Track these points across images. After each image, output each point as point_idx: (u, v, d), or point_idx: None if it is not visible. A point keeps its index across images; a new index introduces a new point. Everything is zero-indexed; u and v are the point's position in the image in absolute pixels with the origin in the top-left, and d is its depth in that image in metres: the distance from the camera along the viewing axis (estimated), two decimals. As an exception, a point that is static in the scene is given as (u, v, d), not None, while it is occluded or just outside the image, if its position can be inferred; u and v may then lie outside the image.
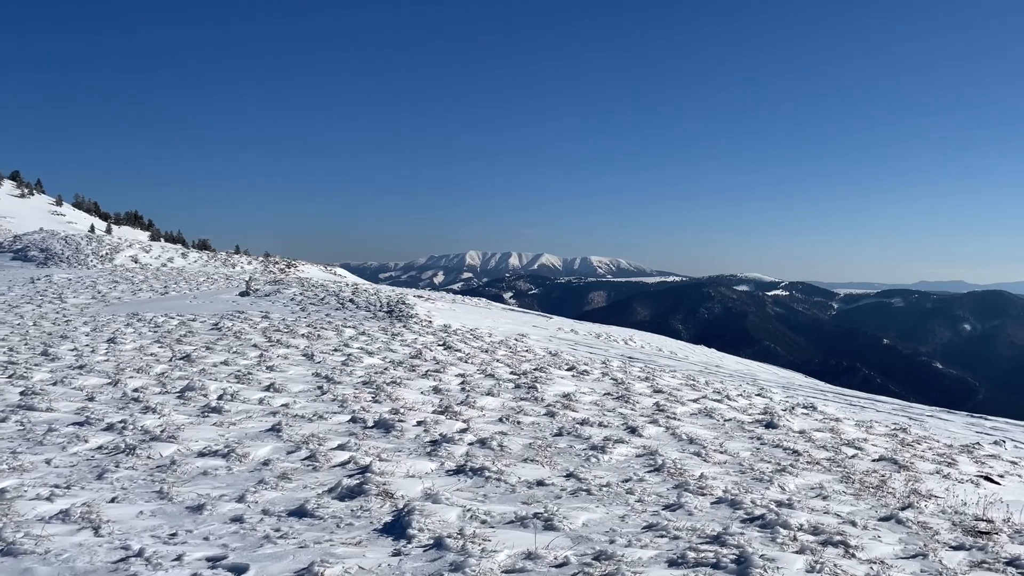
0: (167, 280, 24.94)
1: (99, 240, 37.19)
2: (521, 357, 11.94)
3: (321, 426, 6.83)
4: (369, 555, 3.94)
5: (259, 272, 32.12)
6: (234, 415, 7.19)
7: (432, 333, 14.19)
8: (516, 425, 7.13)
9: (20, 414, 7.02)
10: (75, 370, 9.47)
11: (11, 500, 4.60)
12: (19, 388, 8.24)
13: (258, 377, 9.17)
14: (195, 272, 29.74)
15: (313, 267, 39.73)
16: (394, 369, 10.02)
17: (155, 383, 8.70)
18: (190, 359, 10.38)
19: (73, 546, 3.97)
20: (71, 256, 31.85)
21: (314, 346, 11.85)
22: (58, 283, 23.70)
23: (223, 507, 4.62)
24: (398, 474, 5.34)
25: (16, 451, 5.81)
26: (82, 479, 5.17)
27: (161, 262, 33.41)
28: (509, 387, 9.08)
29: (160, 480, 5.17)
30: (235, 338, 12.68)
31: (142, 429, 6.47)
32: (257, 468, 5.52)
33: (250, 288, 20.92)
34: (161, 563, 3.75)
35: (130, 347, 11.58)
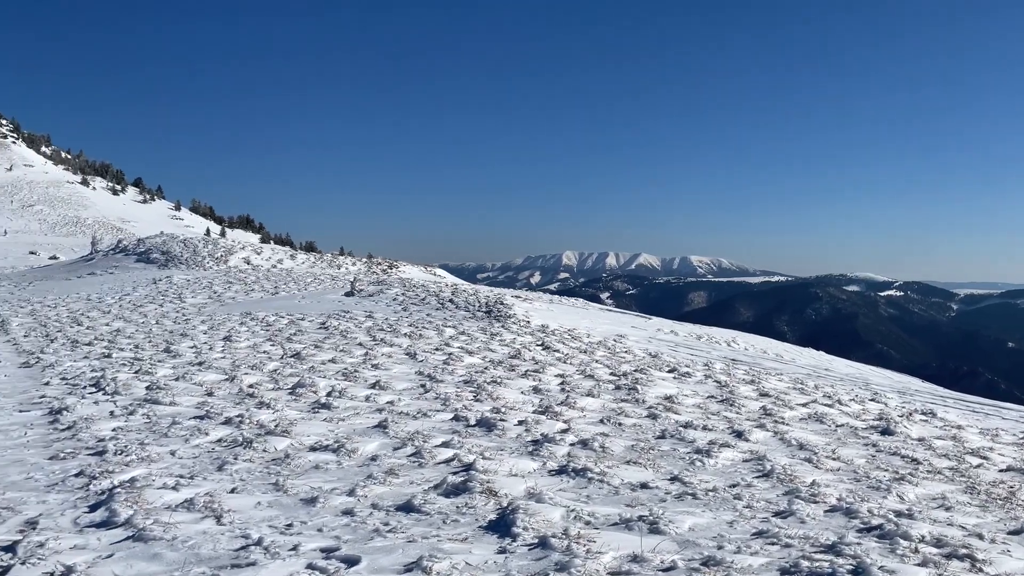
0: (277, 281, 25.98)
1: (214, 243, 39.11)
2: (620, 358, 11.84)
3: (425, 423, 6.96)
4: (475, 552, 3.99)
5: (363, 273, 33.05)
6: (342, 411, 7.43)
7: (530, 333, 14.25)
8: (617, 427, 7.07)
9: (147, 407, 7.47)
10: (195, 366, 9.99)
11: (141, 488, 4.89)
12: (145, 383, 8.77)
13: (364, 375, 9.44)
14: (303, 273, 30.86)
15: (414, 268, 40.59)
16: (494, 369, 10.12)
17: (268, 380, 9.09)
18: (300, 357, 10.78)
19: (197, 533, 4.19)
20: (189, 258, 33.62)
21: (416, 345, 12.10)
22: (178, 284, 25.07)
23: (335, 500, 4.78)
24: (501, 473, 5.39)
25: (144, 442, 6.18)
26: (204, 470, 5.44)
27: (271, 264, 34.82)
28: (609, 388, 9.01)
29: (275, 473, 5.39)
30: (341, 337, 13.09)
31: (258, 423, 6.76)
32: (366, 463, 5.68)
33: (355, 288, 21.55)
34: (279, 552, 3.90)
35: (244, 345, 12.13)
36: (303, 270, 33.35)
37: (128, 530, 4.23)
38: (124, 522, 4.34)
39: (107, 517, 4.44)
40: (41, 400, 8.00)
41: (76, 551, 3.94)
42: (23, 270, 37.67)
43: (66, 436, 6.47)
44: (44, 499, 4.85)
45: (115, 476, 5.20)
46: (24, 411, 7.51)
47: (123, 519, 4.37)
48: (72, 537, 4.14)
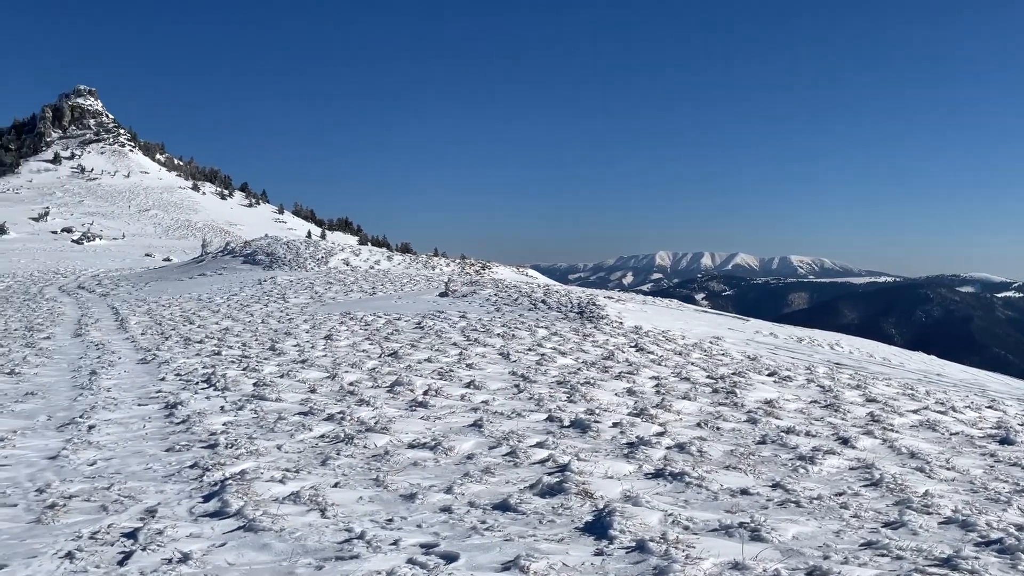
0: (374, 281, 26.63)
1: (315, 245, 40.42)
2: (717, 360, 11.59)
3: (520, 423, 7.00)
4: (572, 553, 3.99)
5: (456, 274, 33.50)
6: (439, 410, 7.55)
7: (623, 334, 14.12)
8: (715, 431, 6.92)
9: (254, 403, 7.80)
10: (298, 364, 10.36)
11: (250, 481, 5.10)
12: (252, 380, 9.15)
13: (459, 374, 9.57)
14: (399, 274, 31.54)
15: (506, 268, 40.88)
16: (587, 370, 10.08)
17: (367, 378, 9.33)
18: (397, 356, 11.02)
19: (304, 526, 4.35)
20: (292, 260, 34.86)
21: (509, 345, 12.18)
22: (281, 284, 26.03)
23: (433, 497, 4.87)
24: (596, 474, 5.36)
25: (252, 436, 6.45)
26: (308, 464, 5.64)
27: (369, 265, 35.72)
28: (706, 391, 8.84)
29: (376, 469, 5.53)
30: (436, 337, 13.30)
31: (358, 420, 6.96)
32: (462, 461, 5.76)
33: (449, 289, 21.87)
34: (380, 546, 4.00)
35: (344, 344, 12.49)
36: (399, 271, 34.09)
37: (239, 520, 4.43)
38: (235, 513, 4.54)
39: (219, 508, 4.66)
40: (157, 395, 8.46)
41: (192, 539, 4.15)
42: (140, 271, 39.93)
43: (181, 429, 6.82)
44: (162, 489, 5.13)
45: (226, 468, 5.45)
46: (142, 405, 7.97)
47: (234, 510, 4.58)
48: (188, 526, 4.37)
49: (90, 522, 4.46)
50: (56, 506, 4.73)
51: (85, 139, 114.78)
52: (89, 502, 4.84)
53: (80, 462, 5.79)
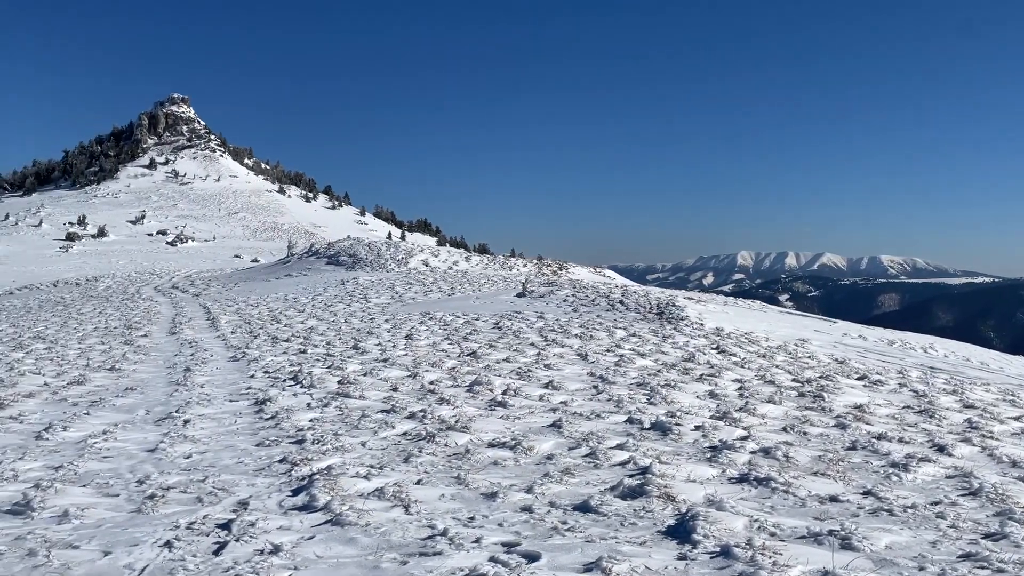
0: (453, 282, 26.93)
1: (395, 246, 41.15)
2: (803, 363, 11.27)
3: (599, 425, 6.97)
4: (655, 556, 3.94)
5: (533, 274, 33.56)
6: (518, 409, 7.58)
7: (704, 336, 13.88)
8: (802, 436, 6.73)
9: (339, 400, 7.99)
10: (380, 363, 10.57)
11: (336, 476, 5.24)
12: (336, 377, 9.38)
13: (537, 375, 9.58)
14: (476, 275, 31.81)
15: (583, 269, 40.72)
16: (667, 372, 9.95)
17: (447, 377, 9.45)
18: (476, 355, 11.12)
19: (388, 521, 4.43)
20: (373, 261, 35.58)
21: (587, 346, 12.13)
22: (363, 284, 26.60)
23: (513, 496, 4.89)
24: (678, 478, 5.29)
25: (337, 433, 6.62)
26: (391, 461, 5.75)
27: (447, 265, 36.15)
28: (792, 395, 8.60)
29: (457, 467, 5.59)
30: (514, 337, 13.36)
31: (439, 419, 7.05)
32: (542, 461, 5.77)
33: (526, 290, 21.93)
34: (463, 544, 4.05)
35: (424, 343, 12.67)
36: (477, 272, 34.37)
37: (326, 514, 4.55)
38: (323, 507, 4.67)
39: (307, 502, 4.80)
40: (247, 391, 8.77)
41: (282, 531, 4.29)
42: (229, 272, 41.43)
43: (270, 425, 7.06)
44: (253, 482, 5.31)
45: (313, 464, 5.60)
46: (233, 401, 8.27)
47: (322, 504, 4.71)
48: (278, 518, 4.51)
49: (187, 513, 4.66)
50: (155, 497, 4.96)
51: (178, 145, 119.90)
52: (185, 493, 5.06)
53: (176, 455, 6.05)
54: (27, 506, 4.80)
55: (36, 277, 42.84)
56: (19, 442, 6.64)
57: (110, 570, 3.80)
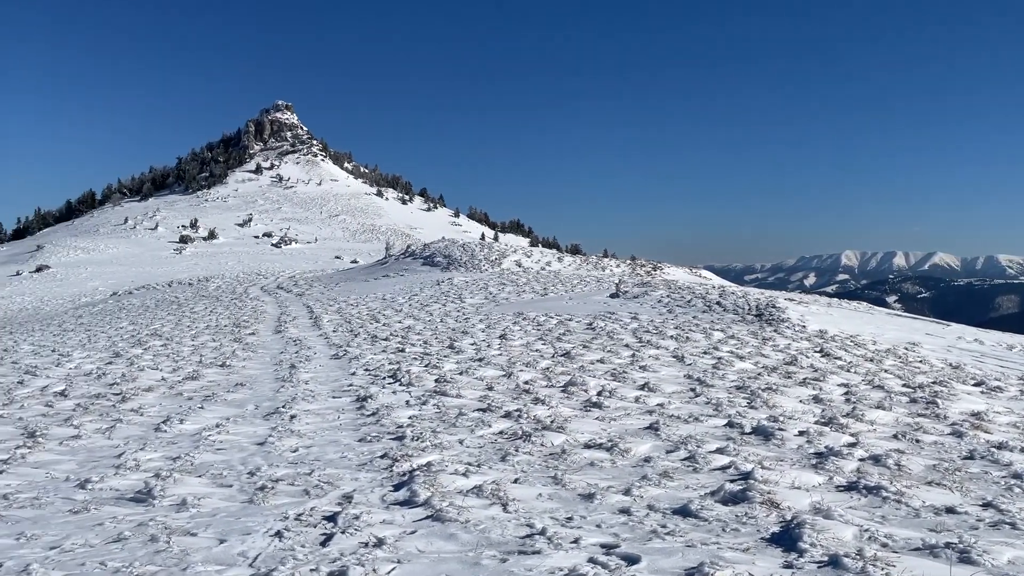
0: (545, 282, 26.97)
1: (489, 247, 41.55)
2: (914, 368, 10.75)
3: (697, 428, 6.84)
4: (759, 563, 3.84)
5: (627, 275, 33.25)
6: (613, 411, 7.53)
7: (807, 338, 13.42)
8: (915, 443, 6.42)
9: (436, 399, 8.13)
10: (475, 362, 10.69)
11: (436, 473, 5.33)
12: (433, 376, 9.55)
13: (632, 376, 9.49)
14: (569, 275, 31.76)
15: (678, 269, 40.07)
16: (768, 375, 9.67)
17: (541, 377, 9.47)
18: (569, 356, 11.10)
19: (487, 519, 4.48)
20: (467, 261, 36.03)
21: (683, 348, 11.92)
22: (458, 285, 26.96)
23: (611, 498, 4.86)
24: (782, 484, 5.13)
25: (436, 430, 6.74)
26: (489, 459, 5.81)
27: (540, 266, 36.24)
28: (902, 401, 8.22)
29: (553, 467, 5.60)
30: (608, 338, 13.27)
31: (534, 418, 7.08)
32: (639, 464, 5.71)
33: (619, 290, 21.75)
34: (561, 544, 4.05)
35: (518, 343, 12.74)
36: (569, 272, 34.31)
37: (427, 510, 4.64)
38: (423, 503, 4.76)
39: (408, 497, 4.90)
40: (349, 388, 9.03)
41: (384, 525, 4.40)
42: (330, 272, 42.75)
43: (371, 421, 7.25)
44: (356, 476, 5.47)
45: (413, 460, 5.72)
46: (336, 398, 8.54)
47: (422, 500, 4.80)
48: (381, 512, 4.63)
49: (295, 504, 4.84)
50: (265, 488, 5.17)
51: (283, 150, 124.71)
52: (293, 486, 5.26)
53: (284, 448, 6.30)
54: (148, 494, 5.10)
55: (152, 277, 45.40)
56: (140, 433, 7.06)
57: (225, 557, 3.99)
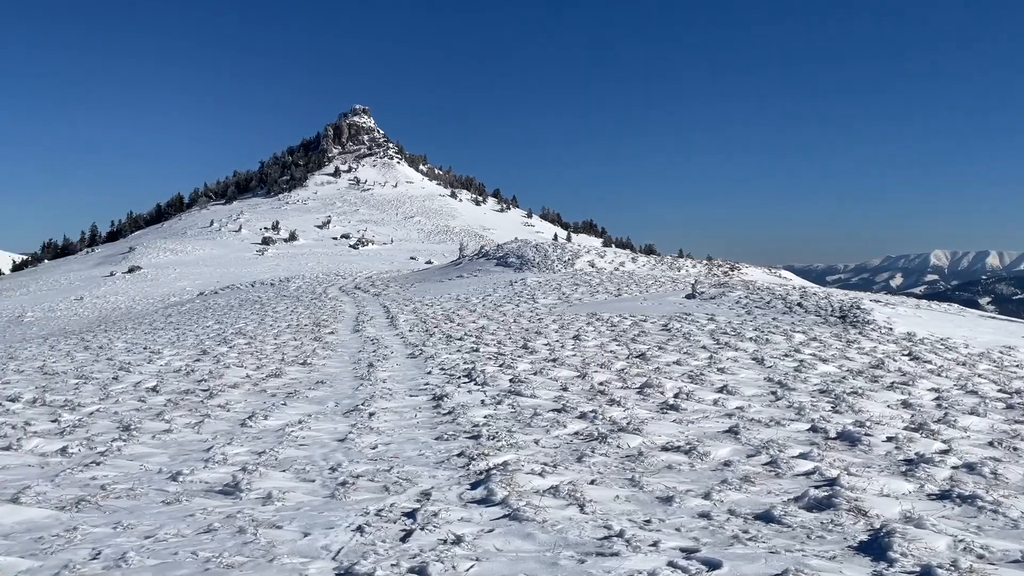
0: (619, 283, 26.77)
1: (562, 247, 41.47)
2: (1011, 373, 10.24)
3: (779, 432, 6.67)
4: (846, 572, 3.72)
5: (703, 275, 32.71)
6: (691, 413, 7.41)
7: (894, 341, 12.94)
8: (1012, 452, 6.11)
9: (511, 399, 8.16)
10: (549, 362, 10.69)
11: (512, 472, 5.34)
12: (508, 376, 9.59)
13: (710, 378, 9.32)
14: (643, 275, 31.44)
15: (756, 269, 39.19)
16: (853, 378, 9.37)
17: (616, 378, 9.40)
18: (645, 357, 10.98)
19: (564, 519, 4.47)
20: (540, 262, 36.06)
21: (763, 350, 11.66)
22: (531, 285, 27.02)
23: (690, 502, 4.78)
24: (870, 491, 4.96)
25: (511, 430, 6.76)
26: (564, 460, 5.79)
27: (614, 266, 35.99)
28: (998, 407, 7.84)
29: (630, 469, 5.55)
30: (684, 339, 13.07)
31: (610, 420, 7.03)
32: (719, 468, 5.60)
33: (695, 291, 21.41)
34: (640, 546, 4.01)
35: (592, 344, 12.68)
36: (643, 272, 33.97)
37: (504, 509, 4.65)
38: (500, 501, 4.78)
39: (485, 495, 4.93)
40: (425, 387, 9.14)
41: (463, 523, 4.43)
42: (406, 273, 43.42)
43: (447, 420, 7.32)
44: (434, 474, 5.53)
45: (490, 459, 5.75)
46: (413, 396, 8.66)
47: (499, 499, 4.82)
48: (459, 510, 4.67)
49: (375, 500, 4.93)
50: (346, 484, 5.28)
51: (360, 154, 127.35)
52: (373, 482, 5.35)
53: (364, 445, 6.42)
54: (236, 487, 5.27)
55: (237, 278, 46.97)
56: (227, 428, 7.31)
57: (309, 550, 4.09)
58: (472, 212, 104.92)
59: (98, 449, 6.55)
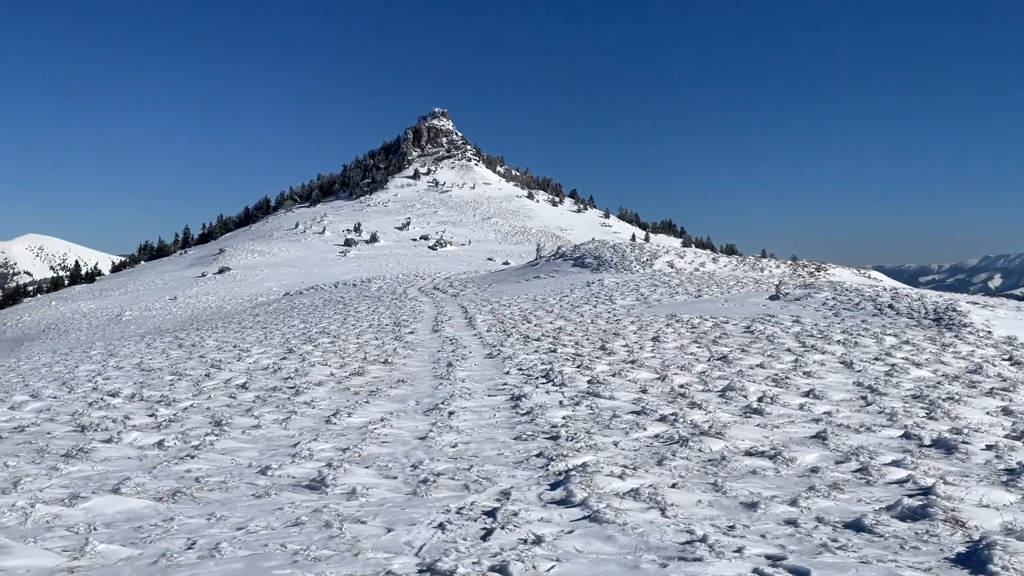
0: (699, 284, 26.32)
1: (640, 247, 41.07)
2: (1124, 379, 9.60)
3: (869, 439, 6.43)
4: (943, 586, 3.56)
5: (787, 276, 31.85)
6: (775, 418, 7.23)
7: (993, 345, 12.33)
8: None
9: (589, 400, 8.12)
10: (627, 364, 10.59)
11: (591, 474, 5.32)
12: (586, 377, 9.54)
13: (795, 382, 9.07)
14: (724, 276, 30.83)
15: (844, 270, 37.91)
16: (948, 384, 8.96)
17: (697, 381, 9.24)
18: (727, 360, 10.76)
19: (645, 523, 4.42)
20: (618, 262, 35.78)
21: (852, 353, 11.27)
22: (608, 286, 26.83)
23: (776, 508, 4.66)
24: (968, 501, 4.73)
25: (590, 431, 6.73)
26: (644, 463, 5.73)
27: (694, 267, 35.40)
28: (1111, 415, 7.37)
29: (712, 473, 5.45)
30: (768, 342, 12.76)
31: (691, 423, 6.92)
32: (805, 474, 5.45)
33: (779, 292, 20.87)
34: (723, 552, 3.93)
35: (672, 346, 12.50)
36: (725, 273, 33.30)
37: (584, 511, 4.63)
38: (580, 503, 4.76)
39: (565, 496, 4.92)
40: (504, 387, 9.19)
41: (543, 523, 4.44)
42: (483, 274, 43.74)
43: (525, 420, 7.34)
44: (513, 474, 5.55)
45: (569, 460, 5.74)
46: (491, 396, 8.71)
47: (579, 500, 4.81)
48: (538, 511, 4.68)
49: (456, 498, 4.98)
50: (428, 481, 5.36)
51: (438, 156, 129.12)
52: (454, 480, 5.41)
53: (444, 444, 6.50)
54: (321, 482, 5.41)
55: (320, 279, 48.23)
56: (312, 425, 7.51)
57: (393, 545, 4.16)
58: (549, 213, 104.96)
59: (192, 443, 6.83)
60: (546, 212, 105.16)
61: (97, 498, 5.13)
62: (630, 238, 72.99)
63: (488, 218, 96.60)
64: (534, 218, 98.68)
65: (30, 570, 3.93)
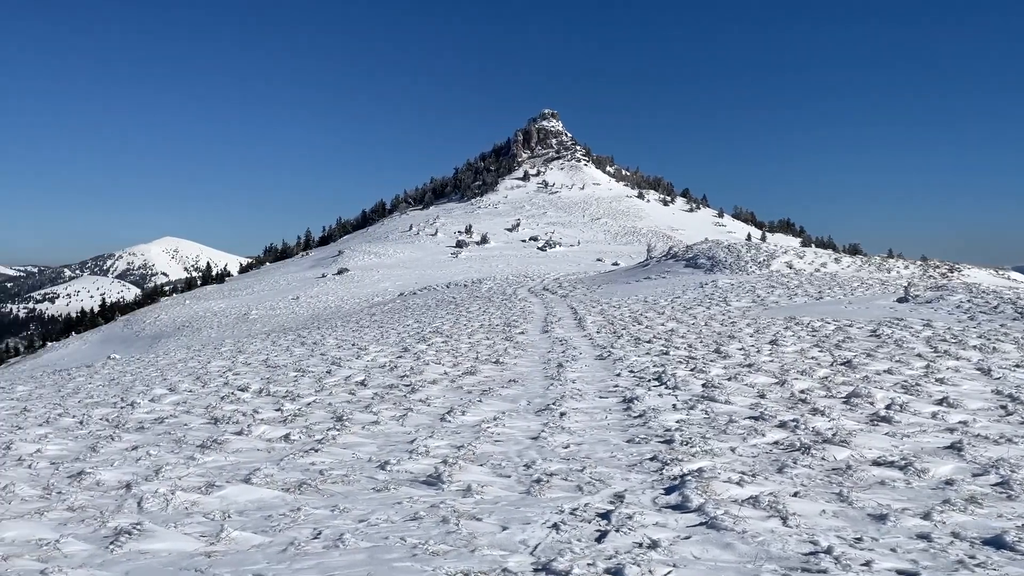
0: (820, 285, 25.30)
1: (756, 247, 39.86)
2: None
3: (1012, 450, 6.00)
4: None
5: (917, 277, 30.16)
6: (905, 427, 6.86)
7: None
8: None
9: (704, 404, 7.95)
10: (744, 368, 10.29)
11: (708, 480, 5.21)
12: (700, 380, 9.34)
13: (927, 389, 8.57)
14: (848, 277, 29.51)
15: (980, 271, 35.55)
16: (1102, 393, 8.25)
17: (819, 386, 8.88)
18: (851, 365, 10.29)
19: (765, 531, 4.29)
20: (732, 263, 34.86)
21: (990, 360, 10.55)
22: (722, 288, 26.19)
23: (907, 521, 4.42)
24: None
25: (705, 436, 6.58)
26: (764, 470, 5.56)
27: (814, 267, 34.06)
28: None
29: (837, 483, 5.23)
30: (896, 346, 12.12)
31: (813, 430, 6.66)
32: (939, 487, 5.14)
33: (908, 294, 19.79)
34: (850, 565, 3.76)
35: (791, 349, 12.06)
36: (848, 274, 31.86)
37: (700, 516, 4.55)
38: (696, 508, 4.67)
39: (680, 501, 4.84)
40: (615, 389, 9.13)
41: (658, 528, 4.38)
42: (592, 275, 43.58)
43: (638, 423, 7.26)
44: (626, 477, 5.51)
45: (683, 465, 5.64)
46: (603, 398, 8.67)
47: (695, 505, 4.72)
48: (653, 515, 4.62)
49: (569, 499, 4.99)
50: (541, 481, 5.39)
51: (548, 157, 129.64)
52: (567, 481, 5.42)
53: (556, 444, 6.52)
54: (438, 479, 5.54)
55: (433, 279, 49.36)
56: (428, 422, 7.70)
57: (508, 544, 4.21)
58: (660, 213, 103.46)
59: (316, 437, 7.13)
60: (657, 212, 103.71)
61: (230, 487, 5.44)
62: (745, 238, 71.00)
63: (597, 219, 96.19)
64: (644, 218, 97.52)
65: (171, 553, 4.21)
